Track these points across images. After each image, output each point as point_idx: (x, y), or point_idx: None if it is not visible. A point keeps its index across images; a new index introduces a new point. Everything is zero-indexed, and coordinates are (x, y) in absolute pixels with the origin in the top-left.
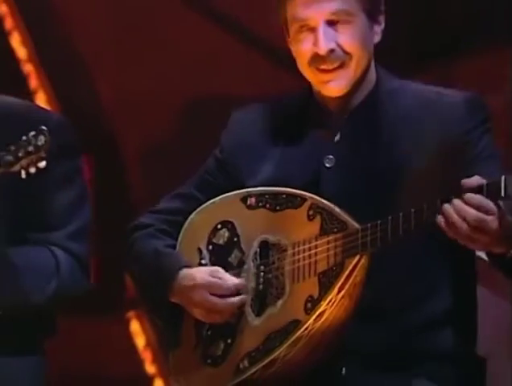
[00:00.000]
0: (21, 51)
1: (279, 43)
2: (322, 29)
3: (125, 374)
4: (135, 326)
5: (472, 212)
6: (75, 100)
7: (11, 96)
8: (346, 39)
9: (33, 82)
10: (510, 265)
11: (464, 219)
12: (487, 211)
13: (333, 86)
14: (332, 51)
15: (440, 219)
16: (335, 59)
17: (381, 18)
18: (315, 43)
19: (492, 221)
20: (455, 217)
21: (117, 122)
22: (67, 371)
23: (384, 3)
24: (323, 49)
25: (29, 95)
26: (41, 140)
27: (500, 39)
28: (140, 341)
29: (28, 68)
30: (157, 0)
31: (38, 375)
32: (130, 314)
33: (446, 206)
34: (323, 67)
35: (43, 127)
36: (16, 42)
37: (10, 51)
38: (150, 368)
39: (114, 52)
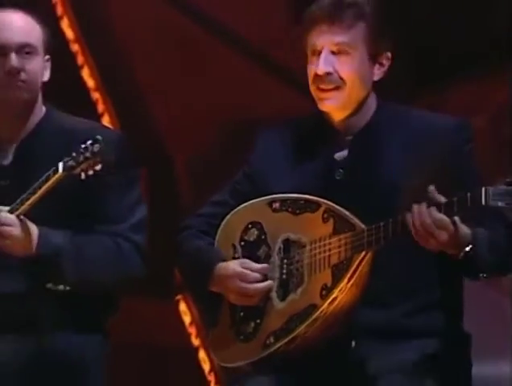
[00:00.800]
0: (90, 82)
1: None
2: (324, 54)
3: (175, 346)
4: (183, 307)
5: (428, 222)
6: (133, 121)
7: (82, 118)
8: (343, 67)
9: (100, 107)
10: (462, 264)
11: (422, 225)
12: (439, 225)
13: (328, 104)
14: (329, 73)
15: (409, 218)
16: (331, 82)
17: (385, 62)
18: (317, 65)
19: (440, 233)
20: (416, 220)
21: (169, 139)
22: (125, 344)
23: (393, 49)
24: (321, 70)
25: (97, 117)
26: (96, 147)
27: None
28: (187, 319)
29: (96, 96)
30: (203, 37)
31: (100, 352)
32: (179, 296)
33: (414, 208)
34: (321, 86)
35: (98, 137)
36: (86, 74)
37: (82, 82)
38: (195, 341)
39: (168, 79)
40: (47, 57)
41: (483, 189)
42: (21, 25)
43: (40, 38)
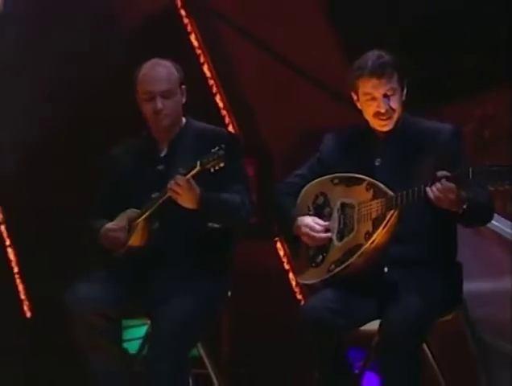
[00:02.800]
0: (220, 104)
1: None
2: (382, 99)
3: (273, 271)
4: (279, 245)
5: (441, 188)
6: (247, 129)
7: (214, 126)
8: (392, 104)
9: (226, 119)
10: (463, 217)
11: (438, 190)
12: (448, 190)
13: (386, 127)
14: (386, 110)
15: (428, 190)
16: (387, 114)
17: (405, 89)
18: (378, 106)
19: (449, 195)
20: (435, 191)
21: (270, 140)
22: (240, 272)
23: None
24: (383, 109)
25: (224, 126)
26: (221, 152)
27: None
28: (281, 252)
29: (223, 112)
30: (288, 74)
31: (225, 291)
32: (276, 238)
33: (435, 180)
34: (381, 117)
35: (222, 145)
36: (218, 99)
37: (215, 103)
38: (286, 266)
39: (267, 102)
40: (183, 87)
41: (470, 169)
42: (163, 76)
43: (177, 81)
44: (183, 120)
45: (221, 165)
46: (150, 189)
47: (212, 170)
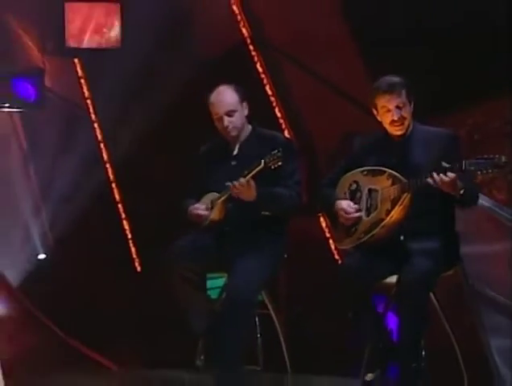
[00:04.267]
0: (279, 114)
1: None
2: (394, 110)
3: (317, 238)
4: (322, 219)
5: (445, 177)
6: (299, 132)
7: (274, 131)
8: (403, 113)
9: (283, 126)
10: (460, 199)
11: (441, 178)
12: (450, 178)
13: (400, 132)
14: (399, 118)
15: (436, 177)
16: (400, 121)
17: (412, 102)
18: (392, 115)
19: (450, 182)
20: (442, 177)
21: (316, 143)
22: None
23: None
24: (396, 117)
25: (282, 131)
26: (280, 154)
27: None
28: (323, 224)
29: (281, 121)
30: (327, 92)
31: (282, 253)
32: (320, 214)
33: (442, 174)
34: (395, 124)
35: (281, 149)
36: (277, 111)
37: (275, 114)
38: (327, 235)
39: (314, 110)
40: (244, 104)
41: (463, 161)
42: (226, 100)
43: (238, 100)
44: (249, 127)
45: (280, 163)
46: (226, 178)
47: (272, 167)
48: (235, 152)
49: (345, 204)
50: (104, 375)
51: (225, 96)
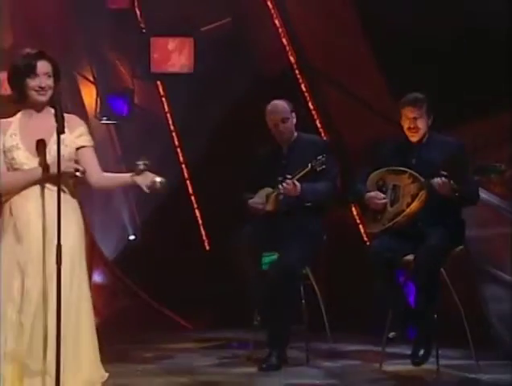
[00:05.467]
0: (318, 124)
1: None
2: (412, 120)
3: (350, 223)
4: (353, 208)
5: (442, 182)
6: (335, 138)
7: (314, 135)
8: (418, 124)
9: (322, 134)
10: (458, 199)
11: (442, 182)
12: (445, 182)
13: (414, 138)
14: (414, 127)
15: (433, 182)
16: (416, 128)
17: (431, 120)
18: (409, 124)
19: (444, 184)
20: (439, 182)
21: (348, 147)
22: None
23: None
24: (413, 125)
25: (319, 135)
26: (324, 159)
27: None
28: (355, 212)
29: (321, 130)
30: (354, 106)
31: (322, 235)
32: (352, 205)
33: (439, 178)
34: (411, 131)
35: (324, 154)
36: (318, 121)
37: (315, 124)
38: (358, 221)
39: (347, 121)
40: (293, 114)
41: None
42: (280, 109)
43: (288, 111)
44: (296, 133)
45: (323, 167)
46: (277, 175)
47: (317, 169)
48: (285, 152)
49: (374, 194)
50: (182, 332)
51: (280, 107)
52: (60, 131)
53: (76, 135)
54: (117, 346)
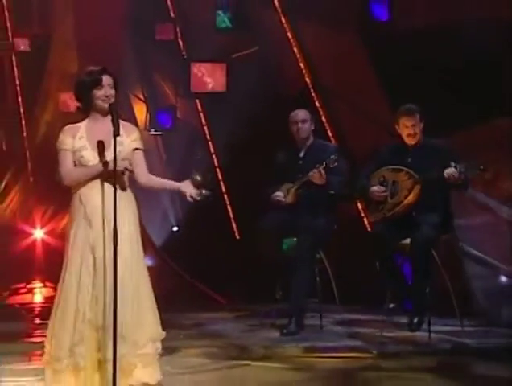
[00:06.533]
0: (330, 132)
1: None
2: (410, 126)
3: (354, 214)
4: (360, 204)
5: (452, 172)
6: (343, 144)
7: (327, 141)
8: (415, 129)
9: (333, 140)
10: (459, 185)
11: (451, 173)
12: (454, 173)
13: (412, 142)
14: (414, 132)
15: (449, 172)
16: (414, 133)
17: (423, 124)
18: (409, 130)
19: (454, 175)
20: (449, 172)
21: (354, 150)
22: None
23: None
24: (412, 131)
25: (329, 140)
26: (336, 157)
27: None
28: (359, 206)
29: (331, 136)
30: (355, 122)
31: (333, 224)
32: (357, 200)
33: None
34: (410, 136)
35: (335, 155)
36: (329, 128)
37: (325, 130)
38: (361, 211)
39: (355, 130)
40: (311, 121)
41: (458, 165)
42: (302, 112)
43: (308, 117)
44: (312, 138)
45: (336, 164)
46: (296, 172)
47: (330, 166)
48: (302, 154)
49: (377, 188)
50: (217, 305)
51: (301, 112)
52: (116, 134)
53: (132, 139)
54: (163, 316)
